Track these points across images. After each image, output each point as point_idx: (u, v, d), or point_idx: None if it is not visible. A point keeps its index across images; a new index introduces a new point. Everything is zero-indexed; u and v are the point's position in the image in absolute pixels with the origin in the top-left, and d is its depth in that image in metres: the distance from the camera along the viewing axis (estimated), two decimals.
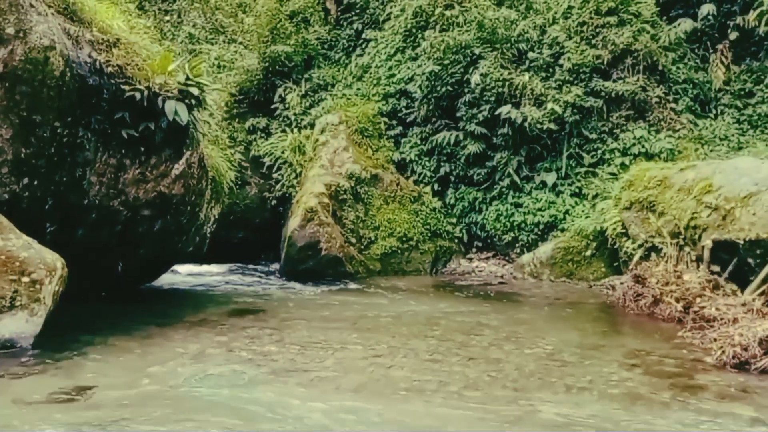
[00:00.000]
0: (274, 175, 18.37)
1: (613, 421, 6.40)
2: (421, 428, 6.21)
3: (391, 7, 20.07)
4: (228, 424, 6.05)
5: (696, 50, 18.02)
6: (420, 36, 18.89)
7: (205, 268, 16.48)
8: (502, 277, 16.42)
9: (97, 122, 10.17)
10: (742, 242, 11.06)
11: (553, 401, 6.97)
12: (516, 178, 17.22)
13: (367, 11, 20.90)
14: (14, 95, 8.93)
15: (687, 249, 12.15)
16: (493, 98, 17.12)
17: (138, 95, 10.28)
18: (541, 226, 16.76)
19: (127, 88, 10.25)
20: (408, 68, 18.93)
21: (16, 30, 8.85)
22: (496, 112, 16.87)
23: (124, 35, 10.78)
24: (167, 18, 21.80)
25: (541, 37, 17.74)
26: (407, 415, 6.47)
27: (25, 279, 8.23)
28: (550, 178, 16.94)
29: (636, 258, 13.30)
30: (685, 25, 17.16)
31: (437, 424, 6.32)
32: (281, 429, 6.00)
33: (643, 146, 16.31)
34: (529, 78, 16.93)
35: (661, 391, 7.38)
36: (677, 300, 11.17)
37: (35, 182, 9.48)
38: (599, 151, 16.84)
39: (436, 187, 18.18)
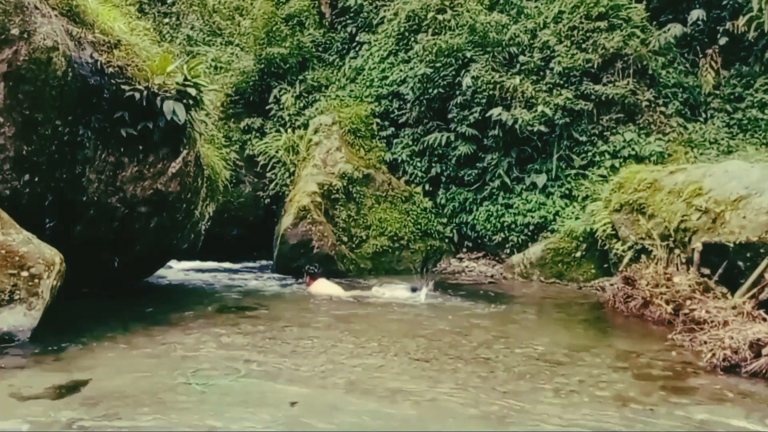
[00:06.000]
0: (268, 174, 18.54)
1: (603, 423, 6.33)
2: (410, 428, 6.16)
3: (384, 11, 20.22)
4: (218, 420, 6.09)
5: (686, 55, 18.18)
6: (412, 39, 19.03)
7: (199, 264, 16.59)
8: (492, 277, 16.48)
9: (97, 121, 10.30)
10: (732, 245, 11.01)
11: (543, 402, 6.87)
12: (506, 180, 17.36)
13: (361, 15, 21.03)
14: (17, 94, 9.05)
15: (677, 251, 12.12)
16: (484, 100, 17.29)
17: (137, 95, 10.42)
18: (531, 227, 16.89)
19: (126, 88, 10.39)
20: (400, 71, 19.09)
21: (20, 31, 8.97)
22: (487, 114, 17.04)
23: (124, 37, 10.90)
24: (166, 20, 21.91)
25: (532, 41, 17.88)
26: (396, 415, 6.42)
27: (24, 273, 8.27)
28: (541, 180, 17.06)
29: (626, 260, 13.31)
30: (675, 30, 17.32)
31: (426, 423, 6.27)
32: (272, 427, 6.04)
33: (633, 149, 16.45)
34: (520, 81, 17.08)
35: (651, 394, 7.28)
36: (667, 302, 11.12)
37: (36, 179, 9.58)
38: (589, 154, 16.99)
39: (427, 187, 18.33)
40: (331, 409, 6.50)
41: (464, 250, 18.21)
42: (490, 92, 17.14)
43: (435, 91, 18.09)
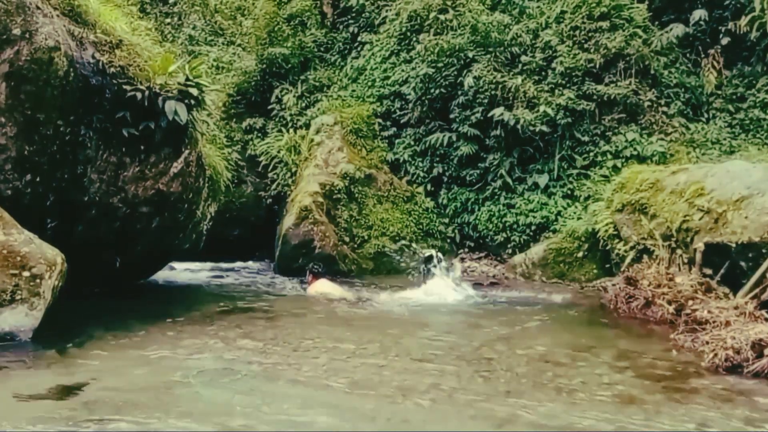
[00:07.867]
0: (270, 174, 18.50)
1: (605, 423, 6.33)
2: (412, 428, 6.16)
3: (386, 11, 20.17)
4: (221, 421, 6.09)
5: (688, 55, 18.12)
6: (414, 39, 18.97)
7: (201, 264, 16.55)
8: (494, 277, 16.42)
9: (98, 121, 10.31)
10: (734, 245, 10.97)
11: (545, 402, 6.88)
12: (508, 180, 17.31)
13: (363, 15, 20.98)
14: (19, 94, 9.07)
15: (679, 251, 12.07)
16: (486, 100, 17.24)
17: (139, 95, 10.43)
18: (533, 227, 16.82)
19: (128, 88, 10.40)
20: (402, 71, 19.03)
21: (22, 31, 8.99)
22: (489, 114, 16.97)
23: (126, 37, 10.91)
24: (168, 20, 21.86)
25: (534, 41, 17.84)
26: (398, 415, 6.42)
27: (26, 273, 8.28)
28: (543, 180, 17.00)
29: (628, 260, 13.24)
30: (677, 29, 17.29)
31: (428, 423, 6.27)
32: (272, 426, 6.03)
33: (635, 149, 16.38)
34: (522, 81, 17.03)
35: (653, 394, 7.26)
36: (669, 302, 11.06)
37: (37, 179, 9.60)
38: (591, 154, 16.92)
39: (429, 187, 18.25)
40: (332, 410, 6.50)
41: (466, 250, 18.14)
42: (492, 92, 17.12)
43: (437, 91, 18.05)
